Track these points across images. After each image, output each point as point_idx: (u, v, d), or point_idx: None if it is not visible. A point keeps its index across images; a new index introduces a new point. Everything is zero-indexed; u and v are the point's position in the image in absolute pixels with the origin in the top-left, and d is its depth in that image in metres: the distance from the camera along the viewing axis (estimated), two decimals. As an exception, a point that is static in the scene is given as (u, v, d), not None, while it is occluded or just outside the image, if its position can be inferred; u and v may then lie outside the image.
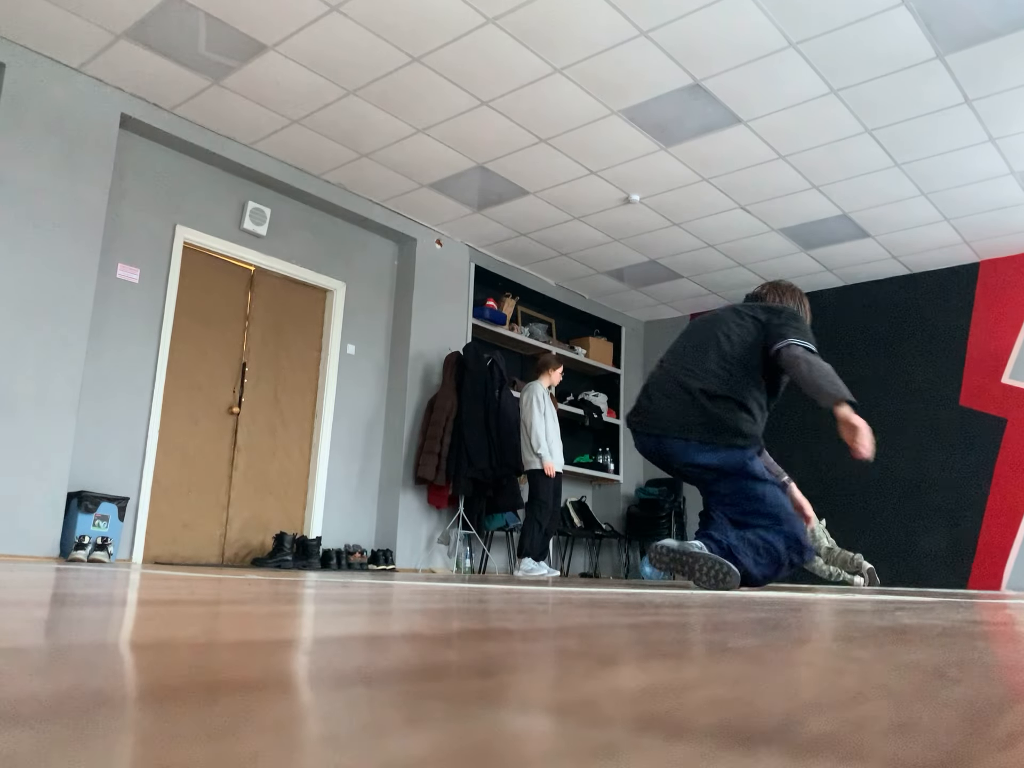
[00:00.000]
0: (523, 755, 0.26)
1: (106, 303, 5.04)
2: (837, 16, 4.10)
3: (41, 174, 4.69)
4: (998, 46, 4.26)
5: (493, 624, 0.86)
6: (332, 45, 4.54)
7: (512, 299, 7.61)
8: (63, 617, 0.77)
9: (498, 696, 0.38)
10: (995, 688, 0.48)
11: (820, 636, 0.87)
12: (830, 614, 1.36)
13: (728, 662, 0.57)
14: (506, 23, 4.27)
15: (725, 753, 0.28)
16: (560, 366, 6.50)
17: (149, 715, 0.30)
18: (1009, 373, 6.63)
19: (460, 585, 2.43)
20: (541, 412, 6.15)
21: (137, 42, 4.62)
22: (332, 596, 1.41)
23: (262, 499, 5.75)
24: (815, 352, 3.20)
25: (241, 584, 1.83)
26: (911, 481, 6.91)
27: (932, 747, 0.30)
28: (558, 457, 6.24)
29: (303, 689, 0.38)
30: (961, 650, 0.73)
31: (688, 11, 4.11)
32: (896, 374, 7.18)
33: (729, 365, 3.25)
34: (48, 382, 4.59)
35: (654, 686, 0.43)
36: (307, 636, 0.66)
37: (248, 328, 5.84)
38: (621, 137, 5.31)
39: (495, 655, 0.56)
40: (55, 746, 0.24)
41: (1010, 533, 6.41)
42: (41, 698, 0.33)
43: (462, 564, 6.64)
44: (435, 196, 6.29)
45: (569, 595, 1.83)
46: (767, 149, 5.37)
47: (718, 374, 3.24)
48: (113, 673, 0.41)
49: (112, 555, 4.61)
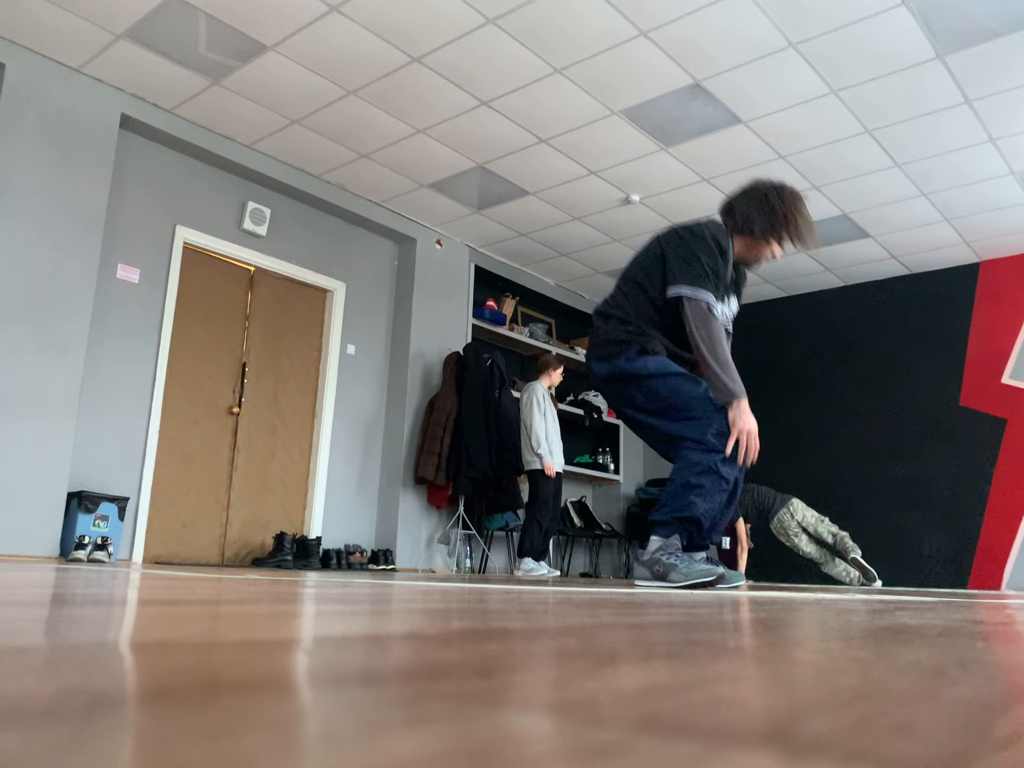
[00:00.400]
0: (523, 755, 0.26)
1: (106, 303, 5.04)
2: (837, 16, 4.10)
3: (41, 174, 4.69)
4: (998, 46, 4.26)
5: (493, 624, 0.86)
6: (332, 45, 4.54)
7: (512, 299, 7.61)
8: (63, 617, 0.77)
9: (498, 696, 0.38)
10: (995, 688, 0.48)
11: (820, 636, 0.87)
12: (829, 614, 1.36)
13: (728, 662, 0.57)
14: (506, 23, 4.27)
15: (725, 753, 0.28)
16: (560, 366, 6.50)
17: (149, 715, 0.30)
18: (1009, 373, 6.63)
19: (460, 585, 2.43)
20: (541, 412, 6.15)
21: (137, 42, 4.62)
22: (332, 596, 1.41)
23: (262, 499, 5.75)
24: (708, 304, 2.97)
25: (241, 584, 1.83)
26: (911, 481, 6.91)
27: (932, 747, 0.30)
28: (558, 457, 6.24)
29: (303, 689, 0.38)
30: (961, 650, 0.73)
31: (688, 11, 4.11)
32: (896, 374, 7.18)
33: (627, 288, 3.14)
34: (48, 382, 4.59)
35: (654, 686, 0.43)
36: (307, 636, 0.66)
37: (248, 328, 5.84)
38: (621, 137, 5.31)
39: (495, 655, 0.56)
40: (55, 746, 0.24)
41: (1010, 533, 6.41)
42: (41, 698, 0.33)
43: (462, 564, 6.64)
44: (435, 196, 6.29)
45: (569, 595, 1.83)
46: (767, 149, 5.37)
47: (615, 297, 3.16)
48: (113, 673, 0.41)
49: (112, 555, 4.61)
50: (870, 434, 7.20)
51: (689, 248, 3.04)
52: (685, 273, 3.01)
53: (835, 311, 7.64)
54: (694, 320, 2.97)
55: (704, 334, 2.95)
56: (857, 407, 7.32)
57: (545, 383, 6.39)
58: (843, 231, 6.52)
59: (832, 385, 7.50)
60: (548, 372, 6.41)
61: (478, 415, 6.37)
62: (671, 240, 3.10)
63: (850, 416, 7.34)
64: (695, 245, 3.04)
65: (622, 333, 3.07)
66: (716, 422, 2.91)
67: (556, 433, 6.27)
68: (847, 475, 7.24)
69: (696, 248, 3.03)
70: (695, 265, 3.00)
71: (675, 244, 3.07)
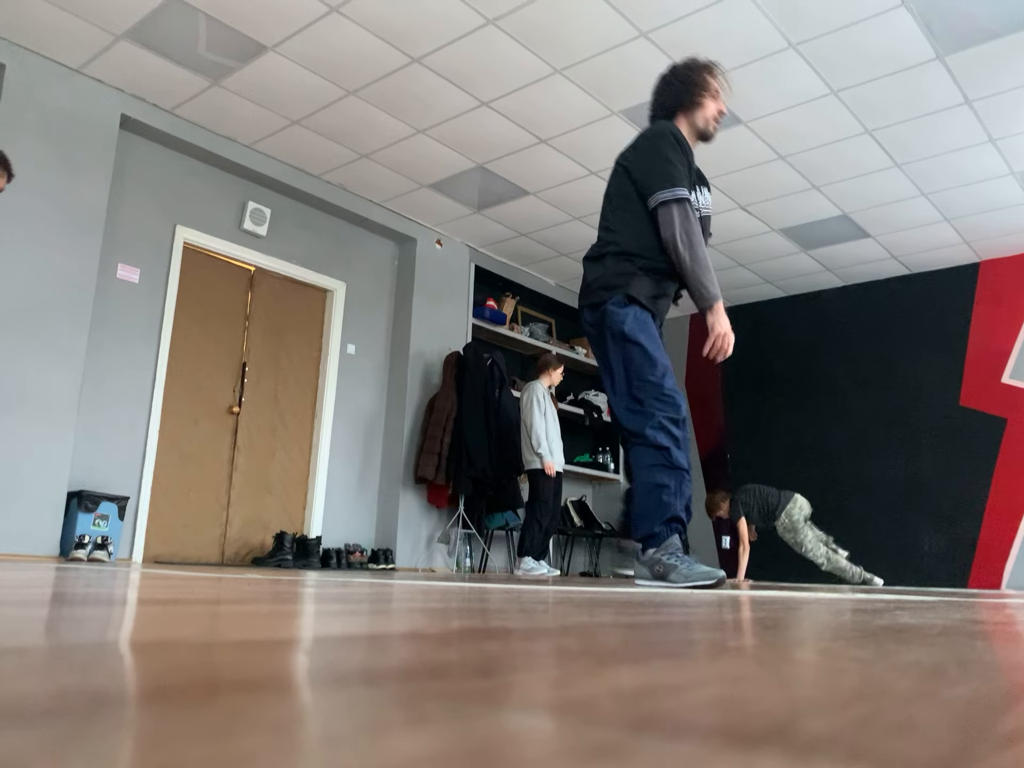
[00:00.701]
0: (524, 755, 0.26)
1: (106, 303, 5.04)
2: (837, 17, 4.10)
3: (41, 174, 4.69)
4: (998, 46, 4.26)
5: (493, 624, 0.86)
6: (332, 46, 4.54)
7: (512, 299, 7.61)
8: (63, 617, 0.77)
9: (498, 696, 0.38)
10: (995, 688, 0.48)
11: (820, 636, 0.87)
12: (830, 613, 1.36)
13: (728, 662, 0.57)
14: (506, 24, 4.27)
15: (725, 753, 0.28)
16: (560, 366, 6.51)
17: (149, 715, 0.30)
18: (1009, 373, 6.63)
19: (460, 584, 2.43)
20: (541, 412, 6.16)
21: (137, 42, 4.62)
22: (332, 596, 1.41)
23: (262, 499, 5.75)
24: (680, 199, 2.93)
25: (241, 584, 1.83)
26: (911, 480, 6.91)
27: (932, 747, 0.30)
28: (558, 457, 6.24)
29: (303, 689, 0.38)
30: (961, 650, 0.73)
31: (688, 12, 4.11)
32: (896, 374, 7.18)
33: (611, 218, 3.06)
34: (48, 382, 4.60)
35: (654, 686, 0.43)
36: (307, 636, 0.66)
37: (248, 328, 5.84)
38: (621, 137, 5.31)
39: (495, 655, 0.56)
40: (55, 746, 0.24)
41: (1010, 533, 6.41)
42: (41, 698, 0.33)
43: (462, 563, 6.64)
44: (435, 196, 6.29)
45: (569, 595, 1.83)
46: (767, 149, 5.37)
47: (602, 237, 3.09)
48: (113, 673, 0.41)
49: (112, 554, 4.61)
50: (870, 434, 7.20)
51: (649, 152, 3.00)
52: (655, 176, 2.95)
53: (835, 311, 7.64)
54: (676, 221, 2.91)
55: (685, 238, 2.91)
56: (857, 407, 7.32)
57: (545, 383, 6.39)
58: (843, 231, 6.52)
59: (832, 385, 7.50)
60: (548, 372, 6.41)
61: (478, 415, 6.37)
62: (629, 155, 3.07)
63: (850, 416, 7.34)
64: (655, 146, 2.99)
65: (612, 276, 2.99)
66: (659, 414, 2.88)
67: (556, 433, 6.27)
68: (847, 475, 7.24)
69: (656, 148, 2.99)
70: (661, 164, 2.96)
71: (635, 156, 3.04)
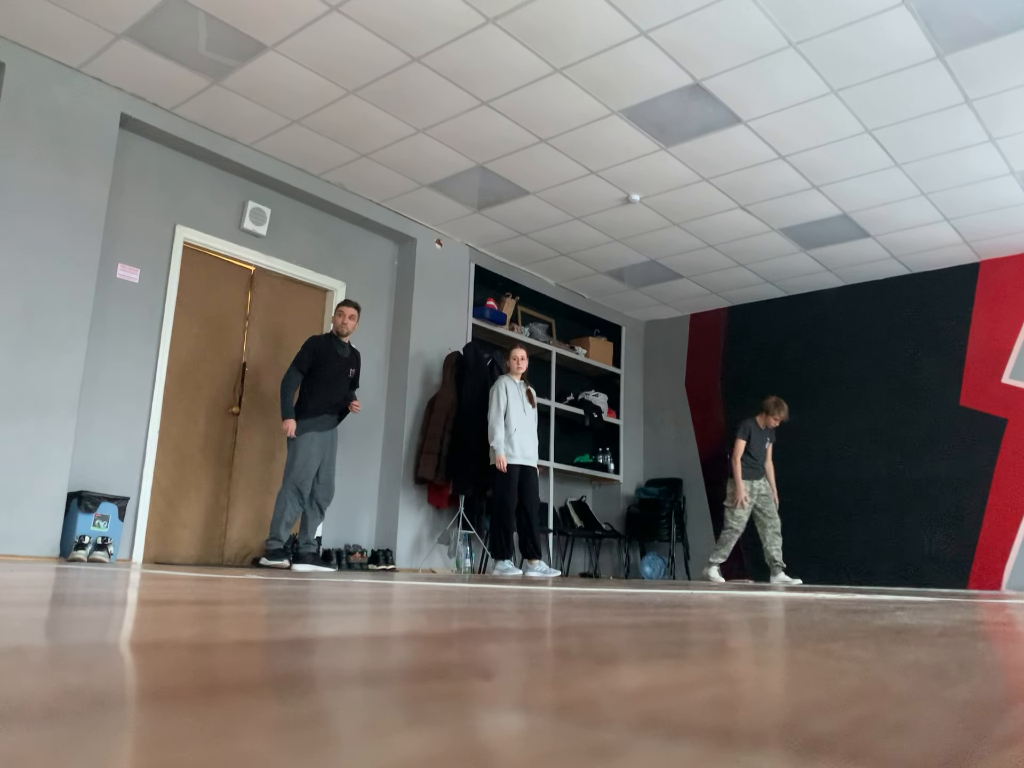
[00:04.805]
0: (524, 755, 0.26)
1: (106, 303, 5.04)
2: (837, 16, 4.10)
3: (41, 174, 4.69)
4: (998, 46, 4.26)
5: (493, 624, 0.86)
6: (332, 45, 4.53)
7: (512, 299, 7.61)
8: (63, 617, 0.77)
9: (499, 696, 0.38)
10: (995, 688, 0.48)
11: (820, 636, 0.87)
12: (829, 614, 1.36)
13: (728, 662, 0.57)
14: (506, 23, 4.27)
15: (725, 753, 0.28)
16: (521, 350, 6.23)
17: (148, 715, 0.30)
18: (1009, 373, 6.63)
19: (460, 585, 2.43)
20: (500, 405, 6.00)
21: (137, 42, 4.62)
22: (332, 596, 1.41)
23: (262, 499, 5.75)
24: None
25: (240, 584, 1.83)
26: (911, 481, 6.91)
27: (932, 747, 0.30)
28: (530, 451, 6.08)
29: (303, 689, 0.38)
30: (961, 650, 0.73)
31: (688, 11, 4.11)
32: (896, 374, 7.18)
33: None
34: (48, 382, 4.59)
35: (654, 686, 0.43)
36: (307, 636, 0.66)
37: (248, 328, 5.84)
38: (621, 137, 5.31)
39: (495, 655, 0.56)
40: (55, 746, 0.24)
41: (1010, 533, 6.41)
42: (41, 698, 0.33)
43: (462, 564, 6.64)
44: (435, 196, 6.29)
45: (569, 595, 1.83)
46: (767, 149, 5.37)
47: None
48: (113, 673, 0.41)
49: (112, 555, 4.61)
50: (870, 434, 7.20)
51: None
52: None
53: (835, 311, 7.64)
54: None
55: None
56: (857, 407, 7.32)
57: (516, 376, 6.18)
58: (843, 231, 6.52)
59: (832, 385, 7.50)
60: (508, 362, 6.21)
61: (478, 415, 6.37)
62: None
63: (850, 416, 7.34)
64: None
65: None
66: None
67: (526, 427, 6.11)
68: (847, 475, 7.24)
69: None
70: None
71: None
